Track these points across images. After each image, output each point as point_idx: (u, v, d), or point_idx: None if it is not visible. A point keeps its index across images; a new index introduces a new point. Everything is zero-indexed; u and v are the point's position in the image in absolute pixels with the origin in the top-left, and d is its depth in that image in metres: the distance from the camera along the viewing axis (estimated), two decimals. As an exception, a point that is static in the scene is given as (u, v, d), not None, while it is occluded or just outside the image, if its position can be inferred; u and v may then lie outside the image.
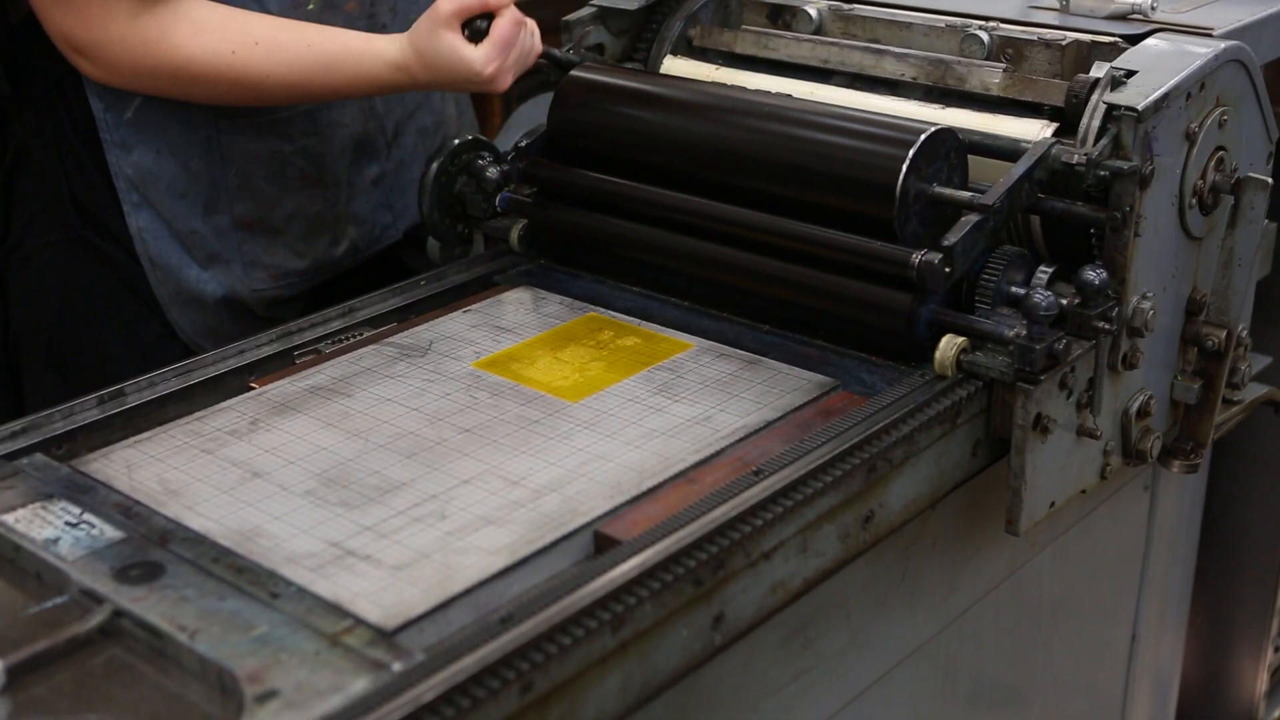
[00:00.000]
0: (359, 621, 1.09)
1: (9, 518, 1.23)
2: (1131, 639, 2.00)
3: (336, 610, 1.11)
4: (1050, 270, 1.48)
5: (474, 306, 1.64)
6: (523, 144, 1.70)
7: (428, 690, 0.99)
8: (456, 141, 1.73)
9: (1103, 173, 1.43)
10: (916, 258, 1.41)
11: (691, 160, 1.60)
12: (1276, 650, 2.17)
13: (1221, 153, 1.55)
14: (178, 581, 1.14)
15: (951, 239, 1.41)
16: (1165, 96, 1.45)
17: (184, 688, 1.06)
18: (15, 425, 1.35)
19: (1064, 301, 1.40)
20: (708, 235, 1.58)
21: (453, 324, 1.60)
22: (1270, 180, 1.54)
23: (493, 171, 1.69)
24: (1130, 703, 2.04)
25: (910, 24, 1.72)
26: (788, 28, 1.80)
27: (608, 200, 1.65)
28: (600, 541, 1.21)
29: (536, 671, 1.04)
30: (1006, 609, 1.68)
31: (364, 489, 1.28)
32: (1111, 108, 1.45)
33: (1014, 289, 1.47)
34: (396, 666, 1.03)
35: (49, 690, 1.05)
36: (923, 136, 1.45)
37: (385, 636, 1.08)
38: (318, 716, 0.98)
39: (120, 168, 1.72)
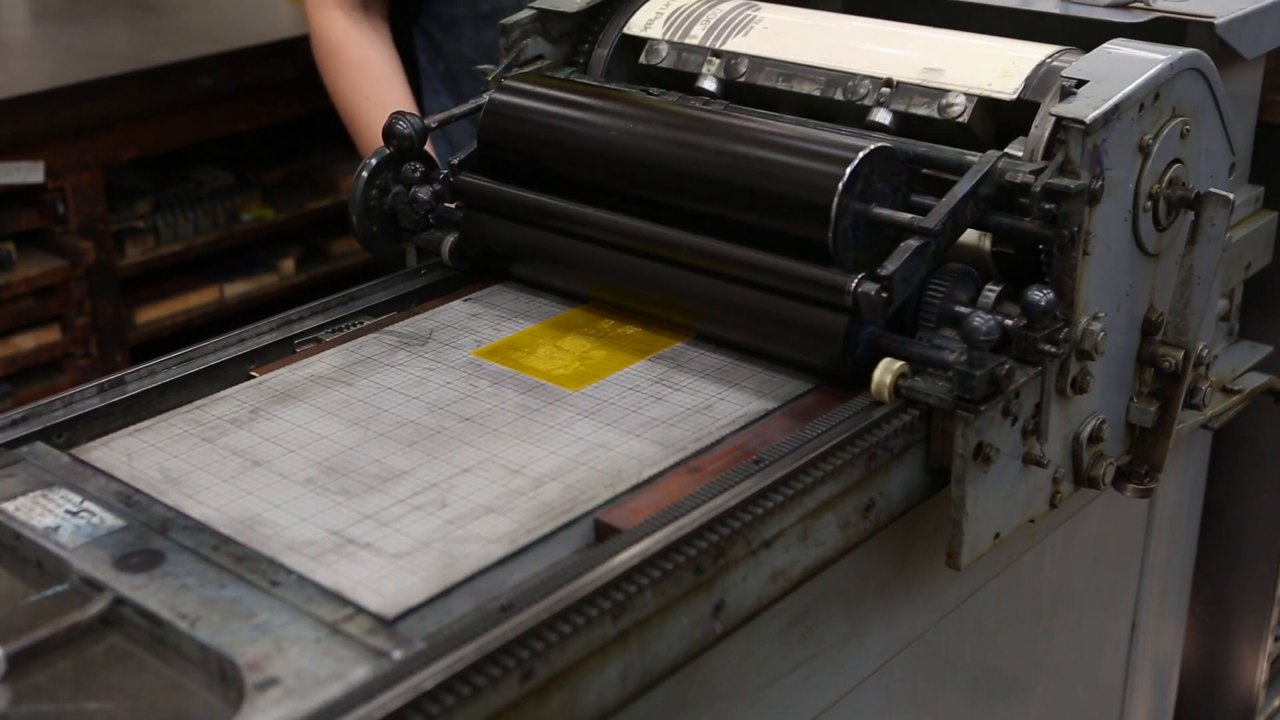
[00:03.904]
0: (359, 609, 1.09)
1: (9, 506, 1.23)
2: (1131, 629, 2.00)
3: (337, 598, 1.11)
4: (997, 289, 1.42)
5: (474, 295, 1.64)
6: (455, 160, 1.65)
7: (428, 678, 0.99)
8: (388, 152, 1.65)
9: (1050, 190, 1.37)
10: (853, 285, 1.35)
11: (620, 177, 1.54)
12: (1277, 640, 2.17)
13: (1178, 165, 1.48)
14: (178, 569, 1.14)
15: (890, 266, 1.34)
16: (1116, 108, 1.38)
17: (184, 676, 1.06)
18: (15, 413, 1.35)
19: (1009, 323, 1.34)
20: (637, 253, 1.52)
21: (453, 312, 1.60)
22: (1231, 195, 1.45)
23: (424, 191, 1.62)
24: (1130, 692, 2.05)
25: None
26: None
27: (534, 216, 1.59)
28: (600, 530, 1.21)
29: (537, 660, 1.04)
30: (1006, 598, 1.68)
31: (364, 477, 1.28)
32: (1060, 120, 1.38)
33: (959, 309, 1.39)
34: (397, 654, 1.03)
35: (49, 678, 1.05)
36: (860, 154, 1.38)
37: (386, 624, 1.08)
38: (318, 704, 0.98)
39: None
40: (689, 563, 1.15)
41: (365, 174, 1.65)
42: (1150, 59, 1.43)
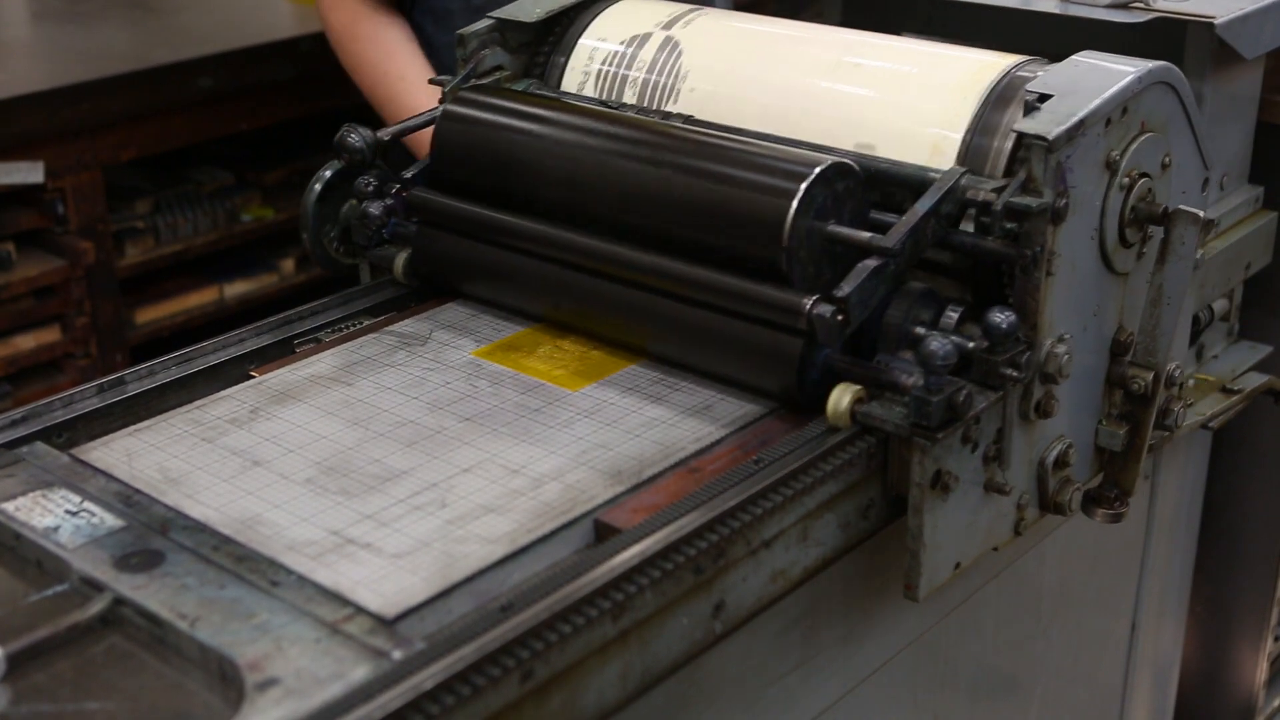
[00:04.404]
0: (359, 609, 1.09)
1: (9, 506, 1.23)
2: (1131, 629, 2.00)
3: (337, 598, 1.11)
4: (960, 310, 1.36)
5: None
6: (407, 174, 1.61)
7: (428, 678, 0.99)
8: (339, 164, 1.60)
9: (1011, 209, 1.32)
10: (808, 305, 1.30)
11: (573, 192, 1.49)
12: (1276, 640, 2.17)
13: (1147, 181, 1.43)
14: (178, 570, 1.14)
15: (846, 288, 1.28)
16: (1080, 123, 1.33)
17: (184, 676, 1.06)
18: (15, 414, 1.35)
19: (971, 345, 1.29)
20: (588, 272, 1.47)
21: (453, 312, 1.60)
22: (1201, 213, 1.40)
23: (375, 207, 1.58)
24: (1130, 692, 2.05)
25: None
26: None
27: (486, 233, 1.55)
28: (600, 530, 1.21)
29: (537, 660, 1.04)
30: (1006, 599, 1.68)
31: (364, 477, 1.28)
32: (1022, 136, 1.33)
33: (919, 330, 1.34)
34: (397, 654, 1.03)
35: (49, 678, 1.05)
36: (816, 169, 1.33)
37: (386, 624, 1.08)
38: (318, 704, 0.98)
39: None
40: (689, 563, 1.15)
41: (319, 186, 1.60)
42: (1118, 72, 1.39)
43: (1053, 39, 1.98)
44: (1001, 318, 1.28)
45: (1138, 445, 1.48)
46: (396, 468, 1.29)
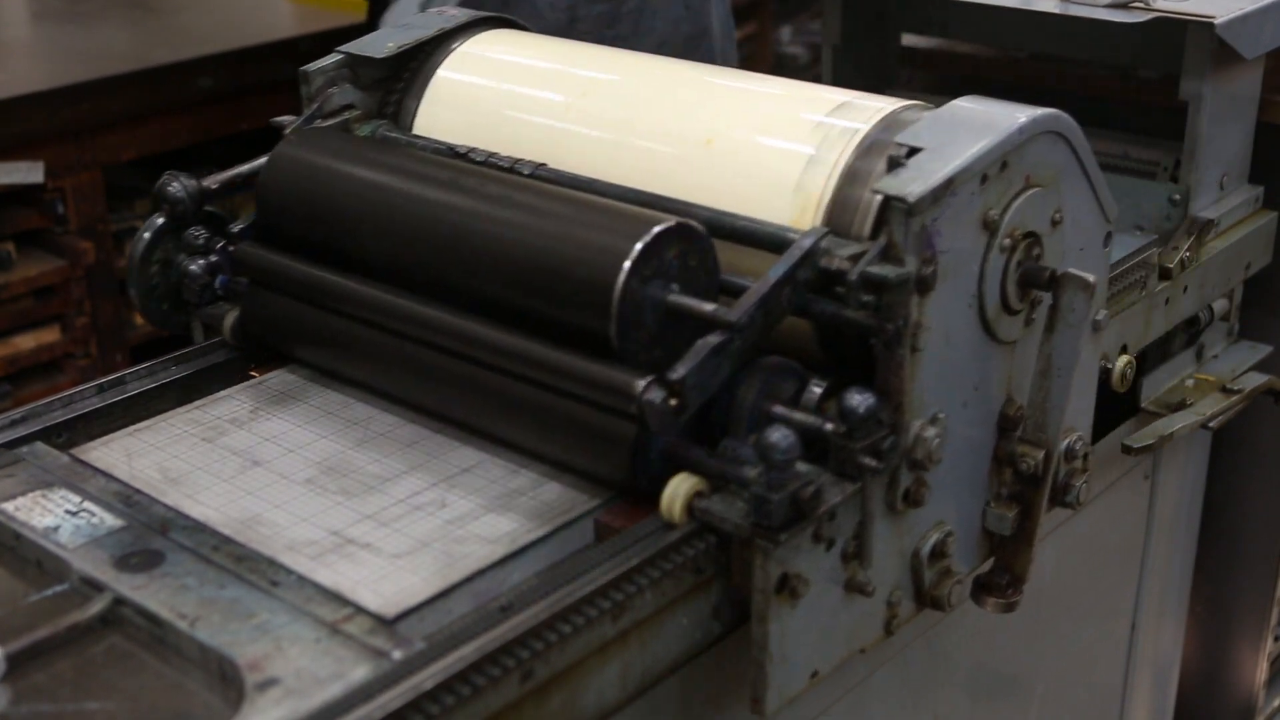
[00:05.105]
0: (359, 609, 1.09)
1: (9, 506, 1.23)
2: (1131, 629, 2.00)
3: (337, 598, 1.11)
4: (824, 385, 1.22)
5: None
6: (235, 227, 1.47)
7: (428, 678, 0.99)
8: (161, 221, 1.48)
9: (868, 280, 1.17)
10: (639, 388, 1.15)
11: (398, 251, 1.34)
12: (1276, 640, 2.17)
13: (1034, 242, 1.28)
14: (178, 570, 1.14)
15: (681, 370, 1.13)
16: (949, 182, 1.18)
17: (184, 676, 1.06)
18: (15, 413, 1.35)
19: (829, 427, 1.15)
20: (414, 340, 1.33)
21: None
22: (1092, 279, 1.25)
23: (196, 265, 1.45)
24: (1130, 692, 2.05)
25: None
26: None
27: (311, 294, 1.40)
28: (600, 530, 1.21)
29: (537, 660, 1.04)
30: (1006, 598, 1.68)
31: (364, 477, 1.28)
32: (886, 197, 1.18)
33: (777, 409, 1.19)
34: (397, 654, 1.03)
35: (49, 678, 1.05)
36: (655, 229, 1.17)
37: (385, 624, 1.08)
38: (318, 704, 0.98)
39: None
40: (689, 563, 1.15)
41: (148, 235, 1.47)
42: (996, 122, 1.24)
43: (1053, 39, 1.99)
44: (859, 400, 1.14)
45: (1029, 529, 1.34)
46: (396, 467, 1.29)
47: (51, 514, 1.22)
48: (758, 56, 4.79)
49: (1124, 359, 1.66)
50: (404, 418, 1.37)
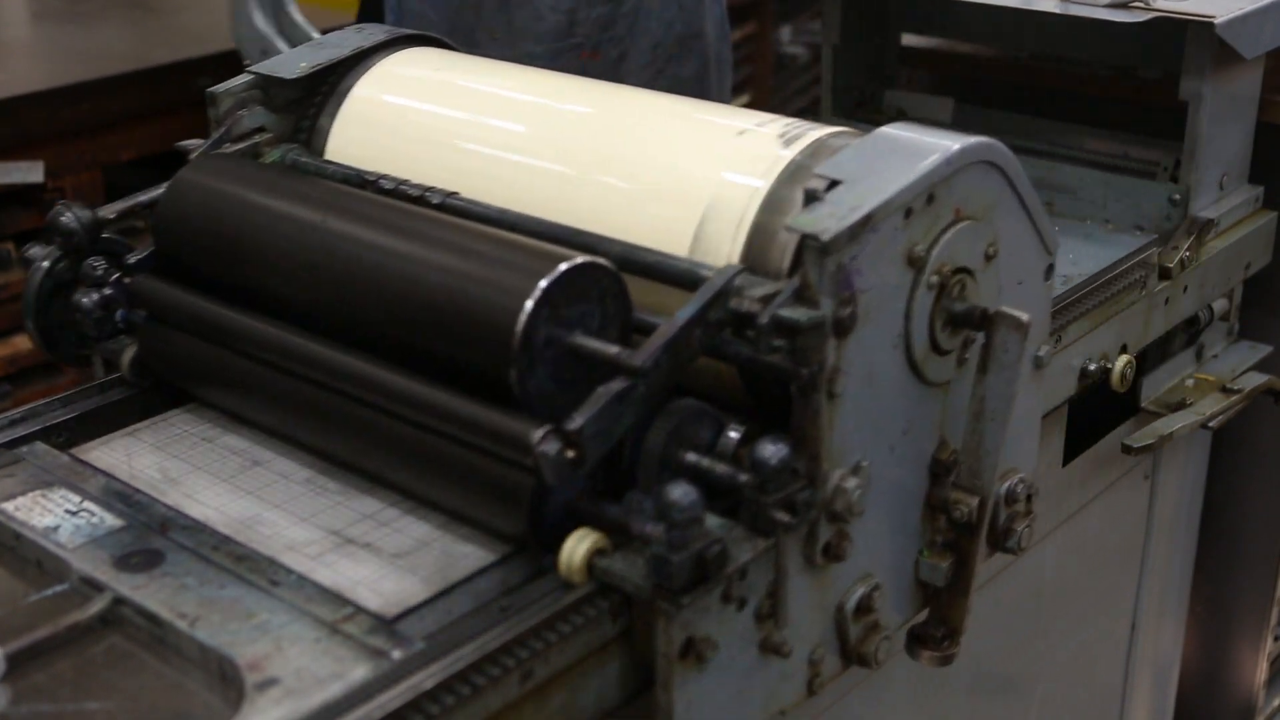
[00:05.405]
0: (359, 609, 1.09)
1: (9, 506, 1.23)
2: (1131, 628, 2.00)
3: (336, 598, 1.11)
4: (743, 430, 1.14)
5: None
6: (132, 258, 1.39)
7: (427, 678, 0.99)
8: (56, 254, 1.39)
9: (779, 324, 1.08)
10: (536, 438, 1.06)
11: (297, 288, 1.26)
12: (1276, 639, 2.17)
13: (964, 278, 1.20)
14: (178, 569, 1.14)
15: (579, 419, 1.04)
16: (868, 218, 1.10)
17: (184, 675, 1.06)
18: (15, 413, 1.35)
19: (743, 478, 1.08)
20: (311, 380, 1.25)
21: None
22: (1025, 318, 1.17)
23: (89, 298, 1.37)
24: (1130, 692, 2.05)
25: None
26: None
27: (205, 331, 1.32)
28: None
29: (536, 659, 1.04)
30: (1006, 599, 1.68)
31: (364, 476, 1.27)
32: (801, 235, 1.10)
33: (690, 457, 1.12)
34: (396, 654, 1.03)
35: (49, 678, 1.05)
36: (560, 269, 1.09)
37: (385, 624, 1.07)
38: (318, 704, 0.98)
39: None
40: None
41: (40, 272, 1.39)
42: (922, 153, 1.16)
43: (1053, 39, 1.99)
44: (771, 450, 1.06)
45: (964, 579, 1.26)
46: (396, 467, 1.29)
47: (51, 514, 1.22)
48: (758, 56, 4.79)
49: (1124, 359, 1.66)
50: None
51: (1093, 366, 1.62)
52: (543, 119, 1.39)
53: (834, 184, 1.13)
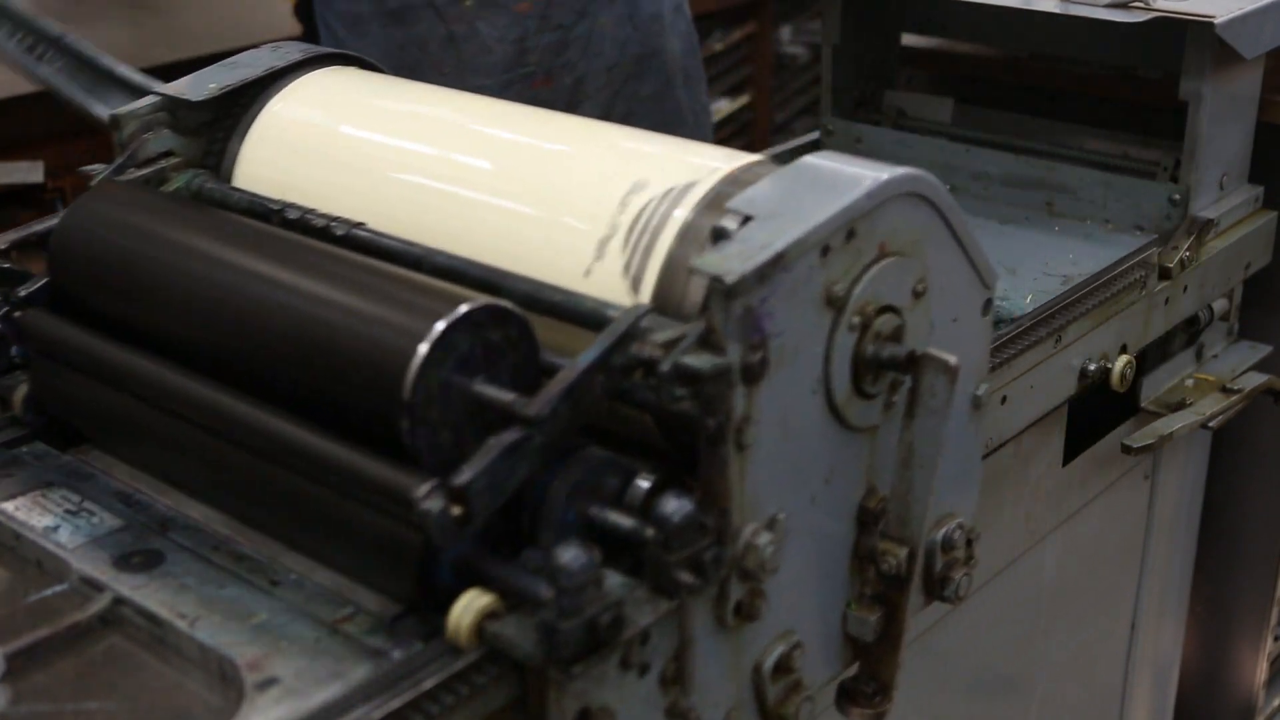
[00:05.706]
0: (359, 609, 1.09)
1: (8, 506, 1.23)
2: (1131, 628, 2.00)
3: (336, 598, 1.11)
4: (652, 480, 1.05)
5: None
6: (23, 291, 1.32)
7: (428, 678, 0.99)
8: None
9: (681, 372, 1.00)
10: (419, 494, 0.97)
11: (188, 326, 1.19)
12: (1276, 639, 2.17)
13: (891, 318, 1.13)
14: (178, 569, 1.14)
15: (467, 474, 0.96)
16: (779, 257, 1.02)
17: (184, 675, 1.06)
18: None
19: (650, 533, 1.01)
20: (201, 426, 1.16)
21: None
22: (954, 360, 1.10)
23: None
24: (1130, 692, 2.05)
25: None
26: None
27: (95, 370, 1.24)
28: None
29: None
30: (1006, 598, 1.68)
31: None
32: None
33: (594, 510, 1.04)
34: (397, 654, 1.03)
35: (49, 678, 1.05)
36: (459, 311, 1.01)
37: (385, 624, 1.07)
38: (318, 704, 0.98)
39: None
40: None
41: None
42: (841, 186, 1.08)
43: (1053, 39, 1.99)
44: (675, 506, 1.00)
45: (894, 634, 1.19)
46: (396, 468, 1.28)
47: (51, 514, 1.21)
48: (757, 56, 4.79)
49: (1124, 359, 1.66)
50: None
51: (1092, 366, 1.63)
52: (459, 144, 1.32)
53: (746, 219, 1.06)
